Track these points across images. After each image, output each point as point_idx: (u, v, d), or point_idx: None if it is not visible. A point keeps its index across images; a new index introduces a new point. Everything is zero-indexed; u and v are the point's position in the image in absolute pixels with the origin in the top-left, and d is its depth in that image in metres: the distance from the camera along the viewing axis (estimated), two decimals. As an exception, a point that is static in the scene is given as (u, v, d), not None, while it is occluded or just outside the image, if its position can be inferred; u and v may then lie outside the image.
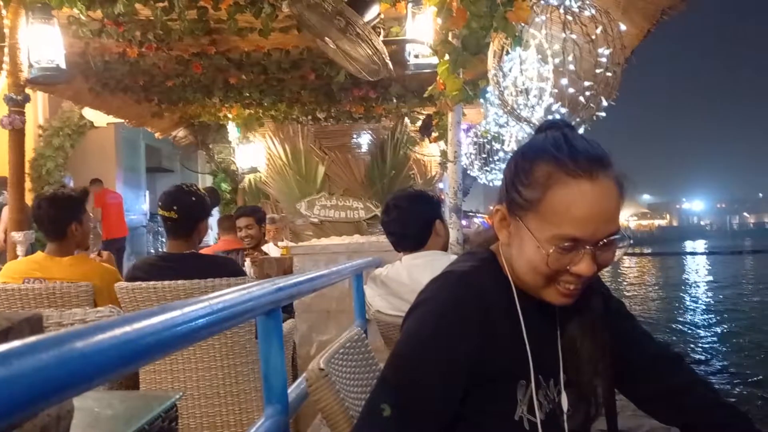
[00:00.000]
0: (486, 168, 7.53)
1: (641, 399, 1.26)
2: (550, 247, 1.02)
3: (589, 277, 1.05)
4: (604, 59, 3.29)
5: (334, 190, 8.40)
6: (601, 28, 3.35)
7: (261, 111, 7.90)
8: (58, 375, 0.51)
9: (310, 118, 8.14)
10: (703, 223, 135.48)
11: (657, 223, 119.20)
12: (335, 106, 7.42)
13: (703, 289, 21.42)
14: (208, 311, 0.86)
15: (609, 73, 3.28)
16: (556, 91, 3.58)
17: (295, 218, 8.37)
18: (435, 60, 3.56)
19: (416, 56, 3.98)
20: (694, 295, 19.60)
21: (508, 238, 1.11)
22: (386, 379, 1.07)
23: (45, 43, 4.27)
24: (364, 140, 8.62)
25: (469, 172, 7.66)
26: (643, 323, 1.31)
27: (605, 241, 1.03)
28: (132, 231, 11.16)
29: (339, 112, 7.73)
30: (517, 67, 3.68)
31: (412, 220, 2.58)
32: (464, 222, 4.07)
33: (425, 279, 1.18)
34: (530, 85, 3.70)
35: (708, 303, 17.40)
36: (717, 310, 15.70)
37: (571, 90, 3.48)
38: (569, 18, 3.39)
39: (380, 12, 3.96)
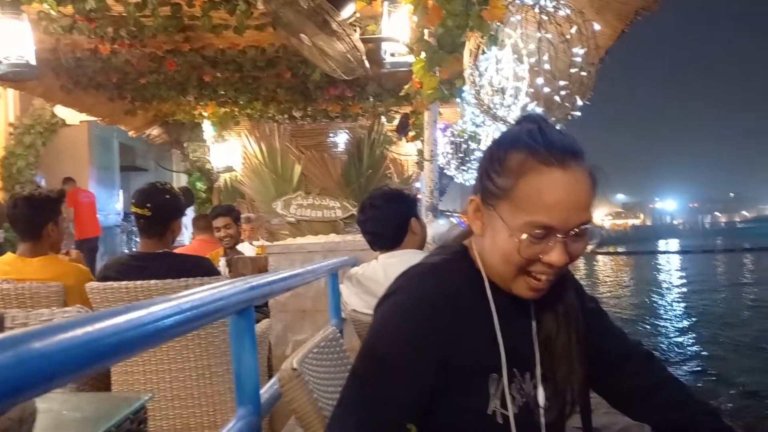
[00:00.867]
0: (463, 167, 7.57)
1: (613, 396, 1.27)
2: (522, 235, 1.02)
3: (561, 267, 1.05)
4: (579, 59, 3.32)
5: (311, 190, 8.37)
6: (575, 27, 3.37)
7: (236, 109, 7.83)
8: (16, 375, 0.50)
9: (286, 116, 8.09)
10: (676, 223, 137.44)
11: (631, 222, 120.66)
12: (311, 104, 7.39)
13: (676, 287, 21.73)
14: (176, 310, 0.84)
15: (584, 73, 3.31)
16: (532, 90, 3.61)
17: (271, 217, 8.32)
18: (411, 58, 3.56)
19: (392, 54, 3.97)
20: (666, 293, 19.88)
21: (482, 229, 1.11)
22: (356, 373, 1.06)
23: (14, 39, 4.18)
24: (341, 139, 8.61)
25: (445, 172, 7.69)
26: (616, 321, 1.32)
27: (577, 231, 1.03)
28: (105, 231, 11.01)
29: (315, 110, 7.69)
30: (493, 66, 3.69)
31: (388, 219, 2.57)
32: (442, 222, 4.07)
33: None
34: (506, 85, 3.72)
35: (680, 301, 17.66)
36: (688, 309, 15.95)
37: (547, 89, 3.51)
38: (544, 18, 3.41)
39: (356, 10, 3.94)
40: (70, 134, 10.36)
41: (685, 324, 13.74)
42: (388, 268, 2.53)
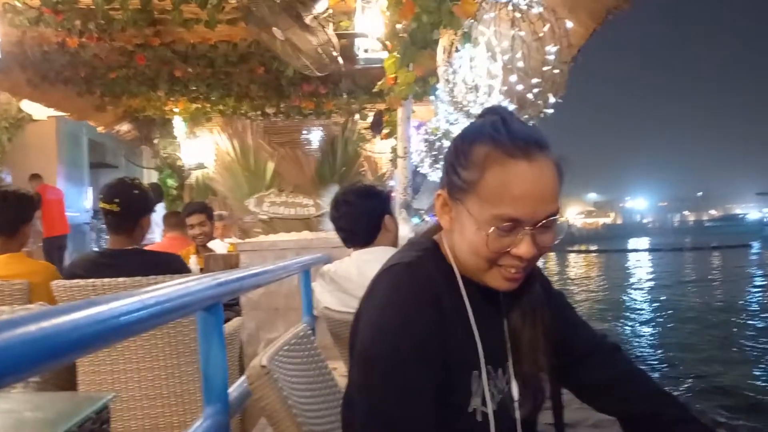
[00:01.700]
0: (436, 165, 7.57)
1: (580, 388, 1.27)
2: (489, 228, 1.01)
3: (530, 259, 1.05)
4: (552, 57, 3.33)
5: (284, 187, 8.29)
6: (548, 26, 3.39)
7: (208, 105, 7.76)
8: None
9: (259, 113, 8.02)
10: (646, 221, 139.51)
11: (602, 221, 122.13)
12: (285, 101, 7.35)
13: (645, 284, 22.07)
14: (139, 306, 0.81)
15: (556, 71, 3.32)
16: (506, 88, 3.61)
17: (244, 215, 8.24)
18: (385, 54, 3.55)
19: (366, 51, 3.95)
20: (635, 290, 20.18)
21: (450, 224, 1.10)
22: (367, 388, 1.03)
23: (-22, 31, 4.08)
24: (315, 136, 8.57)
25: (419, 170, 7.69)
26: (586, 317, 1.32)
27: (544, 223, 1.02)
28: (74, 229, 10.81)
29: (288, 107, 7.65)
30: (467, 64, 3.69)
31: (362, 216, 2.55)
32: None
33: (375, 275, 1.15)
34: (480, 82, 3.72)
35: (648, 298, 17.94)
36: (656, 305, 16.21)
37: (520, 87, 3.51)
38: (517, 15, 3.42)
39: (329, 6, 3.91)
40: (38, 130, 10.14)
41: (653, 319, 13.97)
42: (362, 266, 2.52)
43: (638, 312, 15.17)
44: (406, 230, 3.25)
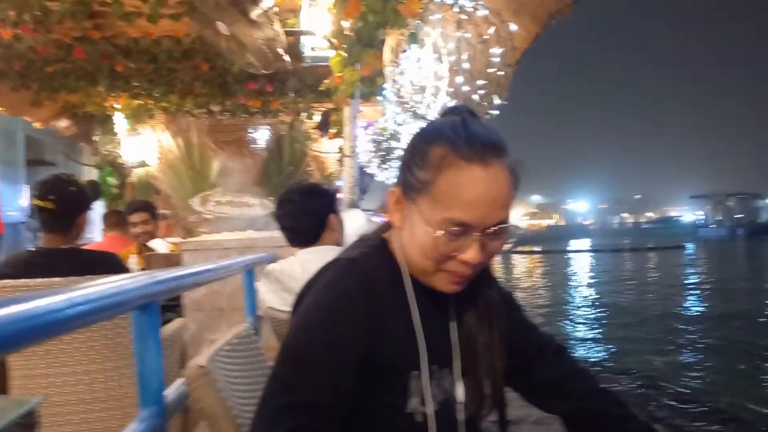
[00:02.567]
0: (384, 165, 7.59)
1: (525, 388, 1.28)
2: (439, 231, 1.01)
3: (477, 265, 1.04)
4: (496, 59, 3.38)
5: (230, 186, 8.16)
6: (493, 28, 3.44)
7: (151, 102, 7.55)
8: None
9: (203, 111, 7.86)
10: (587, 223, 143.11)
11: (546, 222, 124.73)
12: (230, 99, 7.21)
13: (586, 283, 22.65)
14: (67, 304, 0.78)
15: (501, 73, 3.37)
16: (452, 89, 3.65)
17: (188, 214, 8.06)
18: (331, 53, 3.53)
19: (312, 49, 3.93)
20: (577, 289, 20.68)
21: (401, 222, 1.10)
22: (277, 375, 1.02)
23: None
24: (261, 135, 8.45)
25: (366, 170, 7.69)
26: (532, 317, 1.33)
27: (495, 229, 1.02)
28: (9, 228, 10.37)
29: (234, 105, 7.51)
30: (414, 64, 3.71)
31: (306, 214, 2.53)
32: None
33: None
34: (426, 83, 3.75)
35: (589, 296, 18.40)
36: (596, 303, 16.64)
37: (466, 88, 3.55)
38: (463, 17, 3.46)
39: (275, 3, 3.87)
40: (-31, 125, 9.71)
41: (594, 317, 14.34)
42: (307, 265, 2.49)
43: (579, 310, 15.54)
44: (362, 221, 3.23)
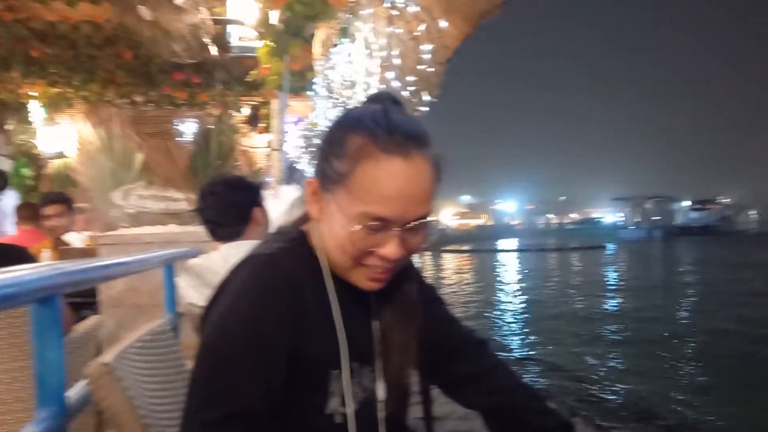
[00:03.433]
0: (314, 161, 7.52)
1: (446, 383, 1.26)
2: (357, 226, 0.97)
3: (397, 261, 1.01)
4: (427, 56, 3.39)
5: (154, 180, 7.90)
6: (424, 25, 3.45)
7: (70, 90, 7.21)
8: None
9: (126, 101, 7.57)
10: (515, 223, 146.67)
11: (475, 222, 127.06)
12: (155, 89, 6.97)
13: (512, 282, 23.21)
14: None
15: (431, 69, 3.39)
16: (383, 86, 3.64)
17: (110, 209, 7.75)
18: (259, 43, 3.45)
19: (240, 39, 3.83)
20: (504, 287, 21.18)
21: (319, 214, 1.05)
22: (199, 375, 0.96)
23: None
24: (188, 128, 8.21)
25: (297, 166, 7.60)
26: (456, 312, 1.32)
27: (415, 224, 0.99)
28: None
29: (159, 96, 7.26)
30: (345, 59, 3.68)
31: (230, 207, 2.45)
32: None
33: None
34: (357, 79, 3.72)
35: (515, 294, 18.88)
36: (522, 301, 17.09)
37: (396, 84, 3.55)
38: (394, 13, 3.45)
39: (203, -10, 3.76)
40: None
41: (519, 313, 14.71)
42: (230, 259, 2.39)
43: (506, 307, 15.91)
44: (295, 196, 3.16)
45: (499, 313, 14.97)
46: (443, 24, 3.28)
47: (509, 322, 13.56)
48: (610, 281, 23.04)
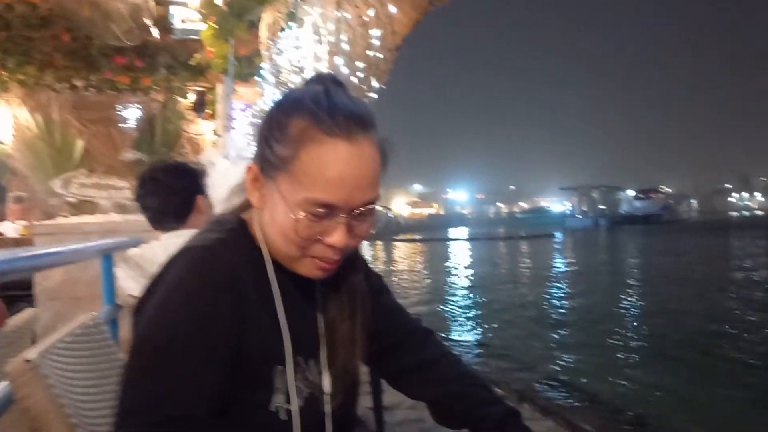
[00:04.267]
0: (254, 146, 7.40)
1: (392, 373, 1.24)
2: (301, 213, 0.92)
3: (344, 249, 0.97)
4: (376, 41, 3.35)
5: (96, 167, 7.64)
6: (373, 10, 3.40)
7: (5, 74, 6.90)
8: None
9: (66, 85, 7.28)
10: (465, 212, 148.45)
11: (427, 211, 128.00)
12: (95, 73, 6.71)
13: (463, 270, 23.49)
14: None
15: (380, 55, 3.35)
16: (332, 71, 3.58)
17: (48, 197, 7.48)
18: (203, 26, 3.34)
19: (182, 21, 3.71)
20: (455, 275, 21.42)
21: (261, 202, 1.00)
22: (134, 371, 0.90)
23: None
24: (131, 114, 7.97)
25: (245, 154, 7.46)
26: (406, 302, 1.29)
27: (362, 211, 0.95)
28: None
29: (100, 80, 6.99)
30: (292, 44, 3.60)
31: (171, 195, 2.36)
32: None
33: None
34: (305, 64, 3.65)
35: (465, 282, 19.11)
36: (472, 289, 17.31)
37: (345, 70, 3.50)
38: (343, -3, 3.39)
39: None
40: None
41: (469, 301, 14.89)
42: (171, 249, 2.30)
43: (456, 295, 16.08)
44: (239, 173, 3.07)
45: (449, 299, 15.12)
46: (392, 9, 3.24)
47: (458, 309, 13.70)
48: (557, 268, 23.57)
